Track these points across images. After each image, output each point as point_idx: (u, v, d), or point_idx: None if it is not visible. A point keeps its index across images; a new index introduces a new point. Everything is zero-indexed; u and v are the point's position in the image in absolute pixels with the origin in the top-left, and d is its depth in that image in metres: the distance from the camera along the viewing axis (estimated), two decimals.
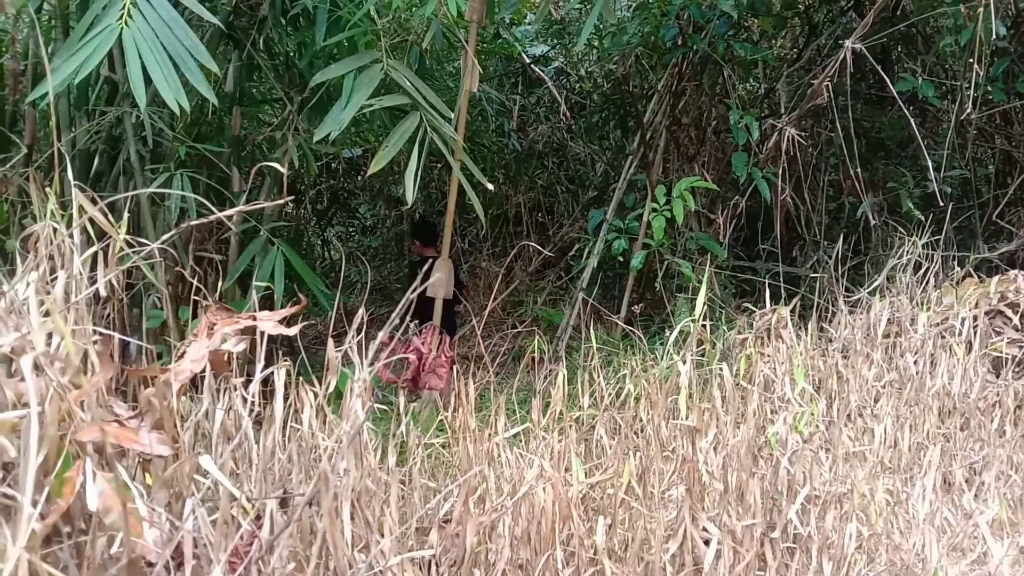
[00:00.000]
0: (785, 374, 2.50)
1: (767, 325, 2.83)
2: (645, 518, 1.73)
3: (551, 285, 4.65)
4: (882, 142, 4.30)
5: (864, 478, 2.07)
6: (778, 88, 4.21)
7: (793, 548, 1.80)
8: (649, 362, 2.55)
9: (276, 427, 1.44)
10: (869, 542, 1.88)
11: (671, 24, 3.83)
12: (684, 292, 3.53)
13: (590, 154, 5.14)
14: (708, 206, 4.01)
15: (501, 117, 5.02)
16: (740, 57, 3.94)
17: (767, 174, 3.68)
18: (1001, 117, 4.27)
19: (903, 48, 4.42)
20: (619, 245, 3.74)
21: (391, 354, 2.54)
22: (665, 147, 4.10)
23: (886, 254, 3.57)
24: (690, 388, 2.03)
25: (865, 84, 4.21)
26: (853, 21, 4.08)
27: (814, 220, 4.04)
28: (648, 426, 2.01)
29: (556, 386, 1.99)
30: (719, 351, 2.64)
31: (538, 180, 5.10)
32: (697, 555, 1.73)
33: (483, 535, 1.65)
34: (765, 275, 3.67)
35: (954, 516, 2.11)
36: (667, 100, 4.11)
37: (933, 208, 3.67)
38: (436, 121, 2.56)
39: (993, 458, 2.36)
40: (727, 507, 1.76)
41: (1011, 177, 4.30)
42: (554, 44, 5.21)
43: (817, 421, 2.32)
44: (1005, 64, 3.79)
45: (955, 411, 2.58)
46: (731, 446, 1.87)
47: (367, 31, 2.76)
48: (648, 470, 1.84)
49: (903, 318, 2.94)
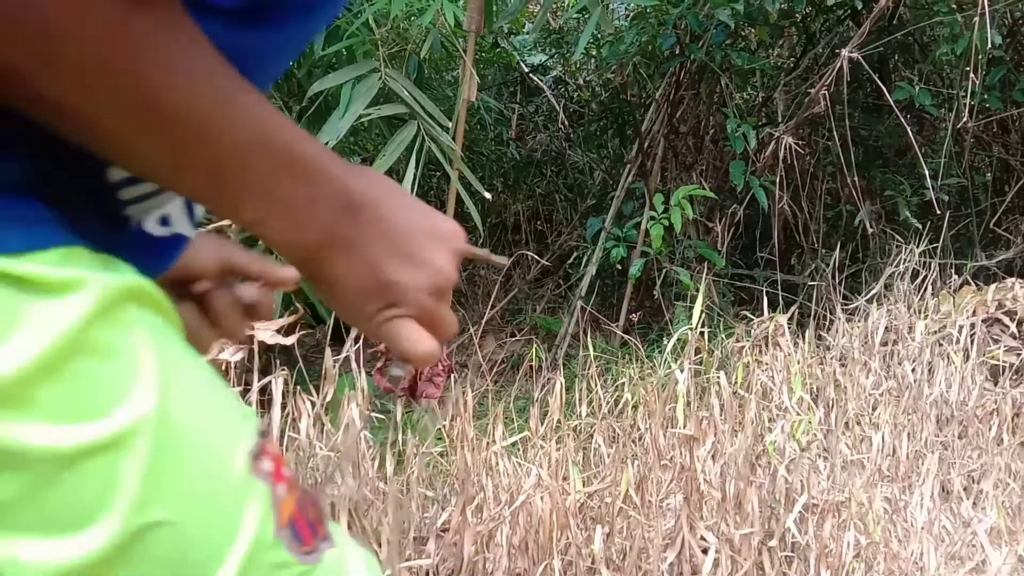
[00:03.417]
0: (783, 382, 2.50)
1: (765, 333, 2.83)
2: (643, 527, 1.73)
3: (550, 293, 4.65)
4: (879, 150, 4.31)
5: (862, 486, 2.07)
6: (775, 97, 4.22)
7: (791, 557, 1.80)
8: (647, 370, 2.55)
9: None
10: (867, 550, 1.88)
11: (669, 33, 3.84)
12: (683, 300, 3.53)
13: (588, 162, 5.14)
14: (706, 214, 4.01)
15: (499, 126, 5.04)
16: (737, 66, 3.95)
17: (765, 182, 3.69)
18: (998, 125, 4.29)
19: (900, 57, 4.43)
20: (617, 253, 3.74)
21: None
22: (663, 155, 4.11)
23: (884, 262, 3.58)
24: (688, 396, 2.03)
25: (862, 93, 4.22)
26: (850, 30, 4.09)
27: (812, 228, 4.04)
28: (646, 435, 2.01)
29: (554, 394, 1.99)
30: (717, 359, 2.64)
31: (536, 188, 5.10)
32: (695, 564, 1.73)
33: (481, 544, 1.65)
34: (763, 283, 3.68)
35: (952, 524, 2.11)
36: (665, 109, 4.12)
37: (930, 216, 3.68)
38: (434, 130, 2.56)
39: (991, 466, 2.36)
40: (725, 516, 1.76)
41: (1008, 185, 4.31)
42: (552, 53, 5.22)
43: (815, 429, 2.32)
44: (1001, 72, 3.81)
45: (953, 419, 2.58)
46: (729, 454, 1.87)
47: (365, 40, 2.77)
48: (646, 479, 1.84)
49: (901, 326, 2.94)
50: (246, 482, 0.46)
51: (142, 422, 0.40)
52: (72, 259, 0.40)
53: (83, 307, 0.39)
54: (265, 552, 0.46)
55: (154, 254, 0.51)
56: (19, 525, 0.38)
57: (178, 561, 0.42)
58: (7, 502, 0.37)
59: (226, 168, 0.44)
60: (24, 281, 0.38)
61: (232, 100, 0.43)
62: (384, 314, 0.51)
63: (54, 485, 0.38)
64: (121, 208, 0.48)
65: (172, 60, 0.40)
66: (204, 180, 0.44)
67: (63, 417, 0.38)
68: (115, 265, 0.43)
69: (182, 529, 0.42)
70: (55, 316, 0.38)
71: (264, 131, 0.44)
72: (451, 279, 0.53)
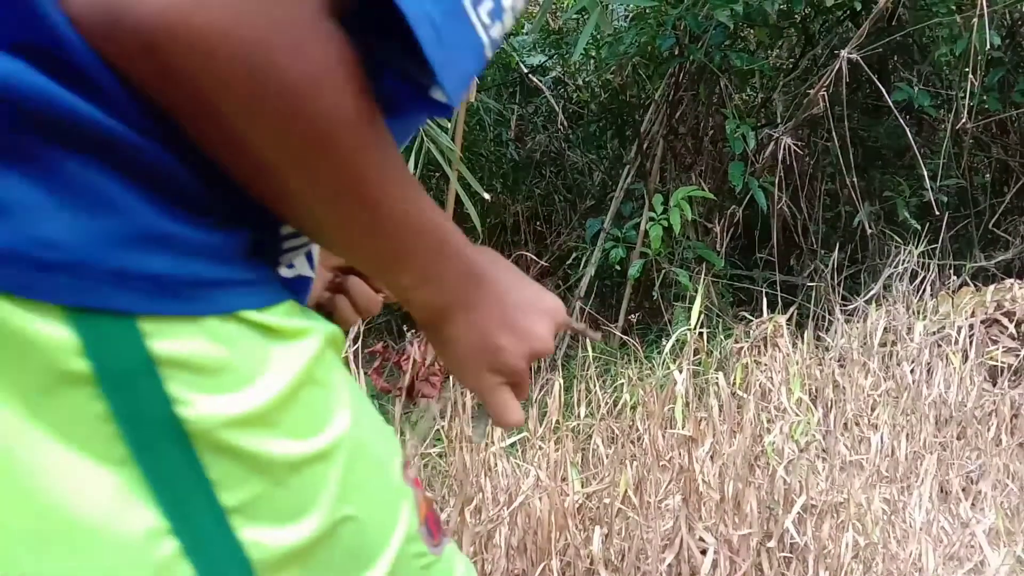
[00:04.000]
0: (782, 383, 2.50)
1: (764, 334, 2.83)
2: (641, 527, 1.73)
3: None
4: (879, 151, 4.31)
5: (861, 487, 2.07)
6: (774, 98, 4.22)
7: (790, 558, 1.80)
8: (646, 371, 2.55)
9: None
10: (866, 551, 1.88)
11: (668, 34, 3.84)
12: (681, 301, 3.53)
13: (588, 163, 5.14)
14: (705, 215, 4.01)
15: (499, 127, 5.03)
16: (736, 67, 3.95)
17: (764, 183, 3.69)
18: (997, 126, 4.29)
19: (899, 58, 4.43)
20: (616, 254, 3.74)
21: (385, 362, 2.54)
22: (662, 156, 4.11)
23: (883, 263, 3.58)
24: (687, 397, 2.04)
25: (861, 94, 4.22)
26: (849, 31, 4.10)
27: (811, 229, 4.04)
28: (645, 435, 2.01)
29: (553, 395, 1.99)
30: (716, 360, 2.64)
31: (536, 189, 5.10)
32: (694, 565, 1.73)
33: (479, 545, 1.65)
34: (762, 284, 3.68)
35: (951, 525, 2.11)
36: (664, 110, 4.12)
37: (929, 217, 3.68)
38: (433, 131, 2.56)
39: (990, 467, 2.36)
40: (723, 516, 1.76)
41: (1007, 186, 4.31)
42: (551, 54, 5.22)
43: (813, 430, 2.32)
44: (1000, 73, 3.81)
45: (951, 420, 2.58)
46: (727, 455, 1.87)
47: None
48: (644, 479, 1.84)
49: (900, 327, 2.94)
50: (401, 486, 0.58)
51: (342, 439, 0.52)
52: (293, 311, 0.52)
53: (311, 350, 0.51)
54: (410, 544, 0.58)
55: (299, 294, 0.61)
56: (260, 516, 0.48)
57: (357, 547, 0.54)
58: (255, 498, 0.48)
59: (401, 247, 0.54)
60: (269, 330, 0.49)
61: (411, 194, 0.53)
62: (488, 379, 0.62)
63: (284, 486, 0.49)
64: (279, 257, 0.57)
65: (384, 163, 0.50)
66: (381, 254, 0.54)
67: (297, 434, 0.50)
68: (311, 313, 0.55)
69: (362, 522, 0.53)
70: (294, 357, 0.50)
71: (427, 217, 0.54)
72: (549, 348, 0.64)
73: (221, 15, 0.42)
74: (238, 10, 0.42)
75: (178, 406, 0.45)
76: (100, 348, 0.43)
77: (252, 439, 0.47)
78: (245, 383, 0.47)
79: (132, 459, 0.45)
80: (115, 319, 0.44)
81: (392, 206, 0.51)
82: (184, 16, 0.41)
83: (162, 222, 0.45)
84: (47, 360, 0.43)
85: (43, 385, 0.43)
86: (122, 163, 0.44)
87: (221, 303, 0.47)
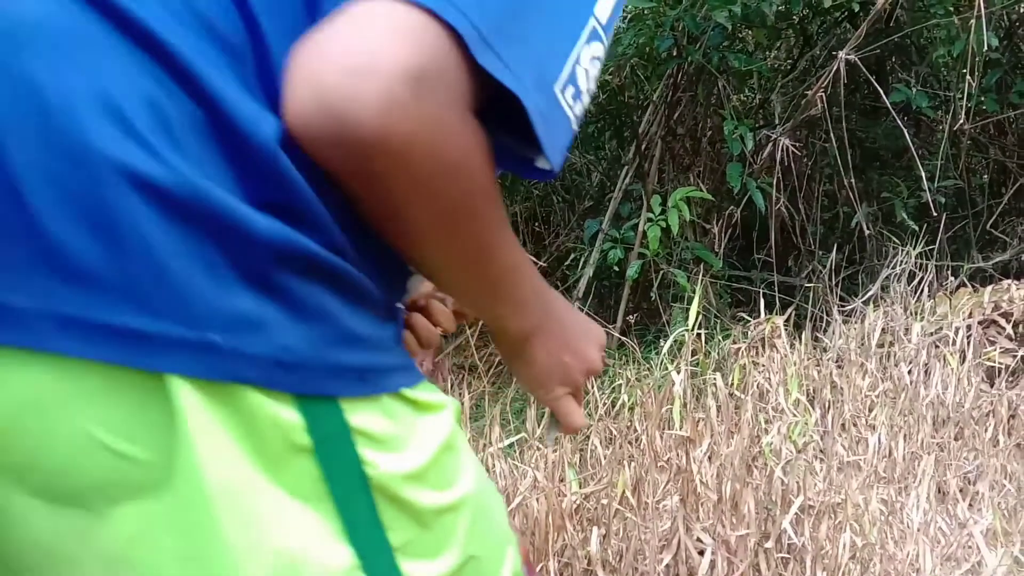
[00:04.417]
0: (779, 384, 2.50)
1: (761, 335, 2.83)
2: (639, 528, 1.73)
3: None
4: (876, 152, 4.31)
5: (858, 488, 2.08)
6: (772, 99, 4.22)
7: (787, 558, 1.81)
8: (644, 372, 2.55)
9: None
10: (863, 552, 1.88)
11: (666, 35, 3.85)
12: (679, 302, 3.54)
13: (586, 164, 5.14)
14: (703, 216, 4.01)
15: None
16: (735, 68, 3.95)
17: (762, 184, 3.69)
18: (995, 127, 4.29)
19: (897, 59, 4.44)
20: (614, 255, 3.74)
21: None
22: (660, 157, 4.11)
23: (880, 264, 3.58)
24: (684, 398, 2.04)
25: (859, 95, 4.22)
26: (847, 32, 4.10)
27: (809, 230, 4.05)
28: (642, 436, 2.01)
29: None
30: (713, 361, 2.64)
31: (534, 190, 5.10)
32: (691, 565, 1.73)
33: None
34: (760, 285, 3.68)
35: (948, 526, 2.12)
36: (662, 110, 4.12)
37: (927, 218, 3.68)
38: None
39: (987, 468, 2.36)
40: (721, 517, 1.77)
41: (1005, 187, 4.32)
42: None
43: (811, 431, 2.32)
44: (998, 74, 3.81)
45: (949, 421, 2.58)
46: (725, 456, 1.87)
47: None
48: (642, 480, 1.84)
49: (897, 328, 2.95)
50: (508, 532, 0.70)
51: (468, 493, 0.64)
52: (429, 387, 0.64)
53: (449, 421, 0.64)
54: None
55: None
56: (414, 553, 0.60)
57: None
58: (411, 539, 0.60)
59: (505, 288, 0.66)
60: (419, 405, 0.61)
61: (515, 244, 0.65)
62: (558, 391, 0.76)
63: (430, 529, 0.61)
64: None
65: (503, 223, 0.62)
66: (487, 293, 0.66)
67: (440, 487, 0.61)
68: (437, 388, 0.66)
69: (483, 562, 0.65)
70: (438, 427, 0.62)
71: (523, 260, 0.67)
72: (600, 368, 0.78)
73: (417, 126, 0.53)
74: (427, 118, 0.53)
75: (366, 466, 0.57)
76: (317, 425, 0.56)
77: (412, 491, 0.59)
78: (406, 447, 0.60)
79: (336, 510, 0.57)
80: (326, 402, 0.56)
81: (504, 257, 0.64)
82: (395, 124, 0.52)
83: (360, 324, 0.58)
84: (284, 436, 0.55)
85: (281, 454, 0.56)
86: (335, 284, 0.57)
87: (391, 384, 0.60)
